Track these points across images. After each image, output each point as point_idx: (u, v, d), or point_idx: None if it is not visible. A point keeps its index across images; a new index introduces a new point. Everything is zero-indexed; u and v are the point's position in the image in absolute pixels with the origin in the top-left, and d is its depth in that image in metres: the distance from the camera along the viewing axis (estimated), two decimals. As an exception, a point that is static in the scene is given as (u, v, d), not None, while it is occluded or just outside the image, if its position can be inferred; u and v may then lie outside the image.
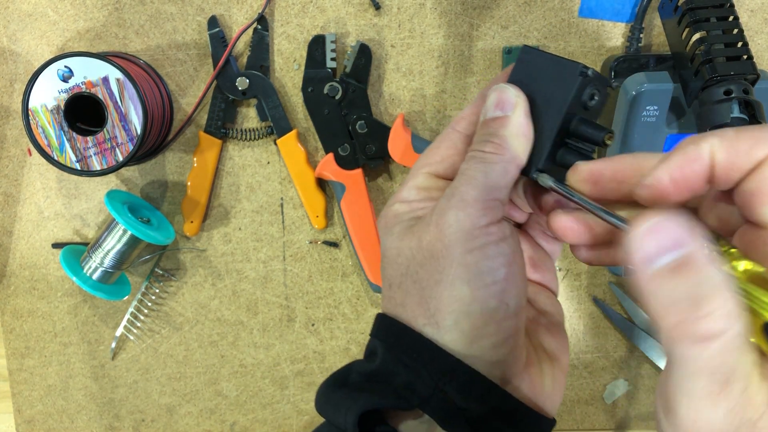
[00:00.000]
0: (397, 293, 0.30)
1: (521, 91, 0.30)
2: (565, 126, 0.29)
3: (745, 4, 0.56)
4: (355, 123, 0.58)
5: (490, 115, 0.30)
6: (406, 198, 0.31)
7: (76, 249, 0.60)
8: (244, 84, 0.58)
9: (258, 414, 0.66)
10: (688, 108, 0.51)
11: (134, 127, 0.52)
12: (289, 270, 0.63)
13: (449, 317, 0.28)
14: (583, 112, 0.30)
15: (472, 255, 0.27)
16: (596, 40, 0.57)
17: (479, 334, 0.28)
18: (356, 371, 0.31)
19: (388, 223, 0.31)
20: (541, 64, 0.30)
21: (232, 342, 0.64)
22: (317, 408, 0.31)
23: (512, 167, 0.29)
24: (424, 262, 0.28)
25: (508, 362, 0.29)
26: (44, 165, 0.60)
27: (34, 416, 0.66)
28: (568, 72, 0.29)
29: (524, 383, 0.29)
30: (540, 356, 0.31)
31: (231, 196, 0.61)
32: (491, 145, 0.29)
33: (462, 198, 0.28)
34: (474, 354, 0.28)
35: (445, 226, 0.28)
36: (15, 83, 0.59)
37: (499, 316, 0.28)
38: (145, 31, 0.58)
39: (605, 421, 0.66)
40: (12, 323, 0.64)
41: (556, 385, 0.31)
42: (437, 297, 0.28)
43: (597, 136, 0.29)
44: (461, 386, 0.28)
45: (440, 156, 0.32)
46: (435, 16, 0.57)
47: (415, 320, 0.29)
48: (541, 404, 0.30)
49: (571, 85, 0.29)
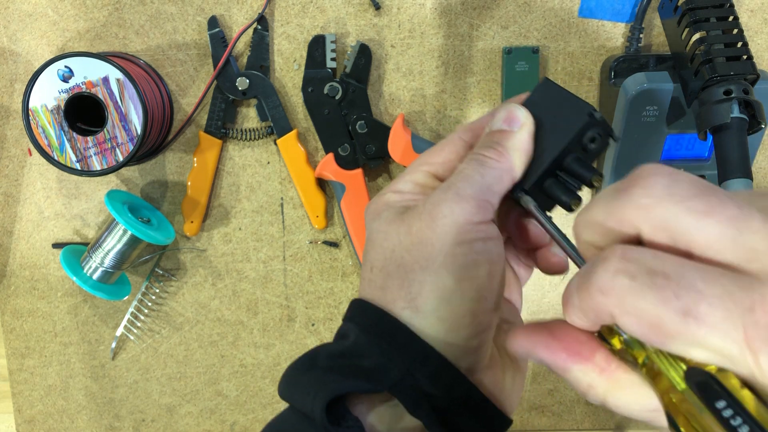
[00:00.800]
0: (378, 276, 0.31)
1: (530, 114, 0.32)
2: (560, 158, 0.31)
3: (745, 4, 0.56)
4: (355, 123, 0.58)
5: (496, 127, 0.31)
6: (400, 189, 0.32)
7: (76, 249, 0.60)
8: (244, 84, 0.58)
9: (258, 414, 0.66)
10: (688, 108, 0.51)
11: (134, 127, 0.52)
12: (289, 270, 0.63)
13: (429, 303, 0.29)
14: (580, 152, 0.31)
15: (461, 247, 0.28)
16: (596, 40, 0.57)
17: (456, 323, 0.29)
18: (324, 353, 0.31)
19: (377, 209, 0.32)
20: (555, 96, 0.32)
21: (232, 342, 0.64)
22: (280, 393, 0.31)
23: (507, 177, 0.30)
24: (411, 248, 0.29)
25: (478, 355, 0.30)
26: (44, 165, 0.60)
27: (34, 416, 0.66)
28: (578, 110, 0.30)
29: (487, 378, 0.30)
30: (502, 357, 0.32)
31: (231, 196, 0.61)
32: (493, 151, 0.30)
33: (458, 192, 0.29)
34: (448, 341, 0.29)
35: (439, 216, 0.29)
36: (15, 83, 0.59)
37: (476, 309, 0.29)
38: (145, 31, 0.58)
39: (605, 421, 0.66)
40: (12, 323, 0.64)
41: (515, 386, 0.32)
42: (420, 281, 0.29)
43: (586, 175, 0.30)
44: (431, 373, 0.28)
45: (442, 158, 0.33)
46: (435, 16, 0.57)
47: (394, 303, 0.30)
48: (501, 402, 0.31)
49: (577, 122, 0.30)
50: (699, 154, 0.55)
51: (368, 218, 0.32)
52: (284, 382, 0.32)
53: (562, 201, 0.31)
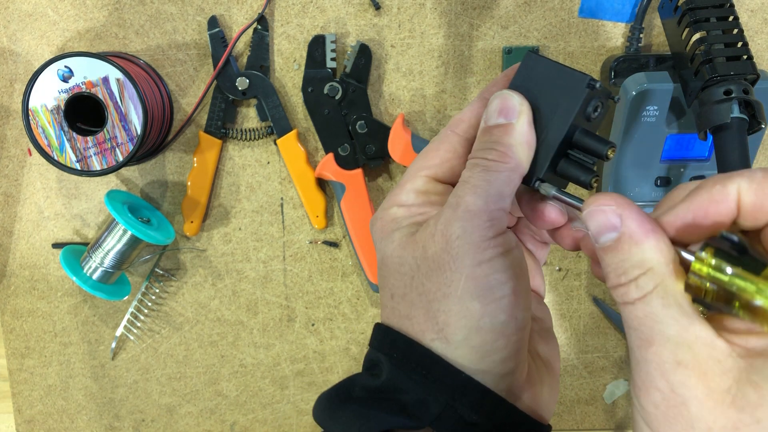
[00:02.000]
0: (401, 305, 0.29)
1: (524, 99, 0.30)
2: (568, 137, 0.29)
3: (745, 4, 0.56)
4: (355, 123, 0.58)
5: (492, 122, 0.30)
6: (404, 202, 0.31)
7: (76, 249, 0.60)
8: (244, 84, 0.58)
9: (258, 414, 0.66)
10: (688, 108, 0.51)
11: (134, 127, 0.52)
12: (289, 270, 0.63)
13: (459, 333, 0.27)
14: (585, 124, 0.30)
15: (481, 268, 0.27)
16: (596, 40, 0.57)
17: (490, 349, 0.27)
18: (360, 385, 0.30)
19: (385, 228, 0.30)
20: (546, 71, 0.30)
21: (232, 342, 0.64)
22: (318, 420, 0.30)
23: (515, 176, 0.29)
24: (431, 274, 0.28)
25: (515, 375, 0.28)
26: (44, 165, 0.60)
27: (34, 416, 0.66)
28: (575, 83, 0.29)
29: (526, 394, 0.29)
30: (538, 365, 0.31)
31: (231, 196, 0.61)
32: (495, 153, 0.29)
33: (467, 209, 0.27)
34: (483, 369, 0.27)
35: (453, 237, 0.27)
36: (15, 83, 0.59)
37: (508, 331, 0.27)
38: (145, 31, 0.58)
39: (605, 421, 0.66)
40: (12, 323, 0.64)
41: (552, 393, 0.31)
42: (446, 311, 0.27)
43: (601, 149, 0.29)
44: (472, 403, 0.27)
45: (439, 159, 0.31)
46: (435, 16, 0.57)
47: (423, 335, 0.28)
48: (540, 412, 0.30)
49: (578, 96, 0.29)
50: (699, 154, 0.55)
51: (377, 237, 0.31)
52: (321, 412, 0.30)
53: (581, 180, 0.29)
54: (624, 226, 0.24)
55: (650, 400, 0.24)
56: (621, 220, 0.24)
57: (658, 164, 0.54)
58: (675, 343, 0.23)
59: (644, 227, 0.24)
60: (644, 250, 0.24)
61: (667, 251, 0.24)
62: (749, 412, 0.21)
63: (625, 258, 0.24)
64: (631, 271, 0.24)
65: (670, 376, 0.23)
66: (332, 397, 0.30)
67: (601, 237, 0.25)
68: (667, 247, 0.24)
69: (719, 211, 0.23)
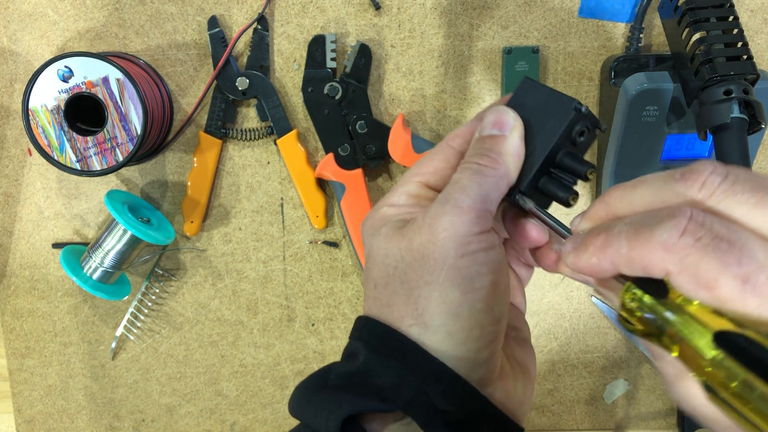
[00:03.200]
0: (382, 293, 0.30)
1: (518, 116, 0.32)
2: (552, 156, 0.31)
3: (745, 4, 0.56)
4: (355, 123, 0.58)
5: (486, 133, 0.31)
6: (395, 202, 0.32)
7: (76, 249, 0.60)
8: (244, 84, 0.58)
9: (258, 414, 0.66)
10: (688, 108, 0.51)
11: (134, 127, 0.52)
12: (289, 270, 0.63)
13: (438, 318, 0.28)
14: (570, 147, 0.31)
15: (464, 259, 0.28)
16: (596, 40, 0.57)
17: (465, 336, 0.28)
18: (335, 372, 0.31)
19: (374, 225, 0.32)
20: (538, 95, 0.32)
21: (232, 342, 0.64)
22: (292, 410, 0.31)
23: (503, 183, 0.30)
24: (414, 264, 0.29)
25: (488, 367, 0.29)
26: (44, 165, 0.60)
27: (34, 416, 0.66)
28: (563, 106, 0.31)
29: (498, 389, 0.30)
30: (513, 366, 0.32)
31: (231, 196, 0.61)
32: (487, 158, 0.30)
33: (457, 204, 0.29)
34: (458, 355, 0.28)
35: (440, 229, 0.29)
36: (15, 83, 0.59)
37: (484, 321, 0.29)
38: (145, 31, 0.58)
39: (605, 421, 0.66)
40: (12, 323, 0.64)
41: (526, 394, 0.32)
42: (426, 297, 0.29)
43: (581, 169, 0.30)
44: (444, 390, 0.28)
45: (433, 168, 0.32)
46: (435, 16, 0.57)
47: (401, 320, 0.29)
48: (513, 411, 0.31)
49: (564, 118, 0.30)
50: (699, 154, 0.55)
51: (366, 234, 0.32)
52: (296, 400, 0.31)
53: (559, 197, 0.31)
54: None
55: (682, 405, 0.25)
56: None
57: (658, 164, 0.54)
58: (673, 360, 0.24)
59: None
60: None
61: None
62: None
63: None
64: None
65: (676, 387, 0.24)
66: (308, 386, 0.31)
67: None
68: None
69: (604, 272, 0.25)
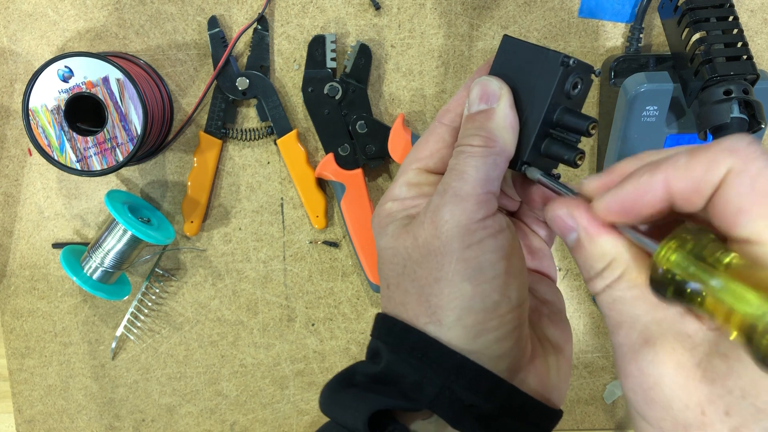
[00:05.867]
0: (395, 293, 0.30)
1: (504, 83, 0.30)
2: (549, 117, 0.29)
3: (745, 4, 0.56)
4: (355, 123, 0.58)
5: (474, 109, 0.30)
6: (397, 196, 0.31)
7: (76, 249, 0.60)
8: (244, 84, 0.58)
9: (258, 414, 0.66)
10: (688, 108, 0.51)
11: (134, 127, 0.52)
12: (289, 270, 0.63)
13: (451, 314, 0.28)
14: (566, 102, 0.29)
15: (471, 250, 0.27)
16: (596, 40, 0.57)
17: (483, 329, 0.28)
18: (361, 372, 0.30)
19: (381, 222, 0.31)
20: (522, 53, 0.30)
21: (232, 342, 0.64)
22: (322, 408, 0.31)
23: (501, 160, 0.29)
24: (422, 261, 0.28)
25: (514, 355, 0.28)
26: (44, 165, 0.60)
27: (34, 416, 0.66)
28: (550, 62, 0.29)
29: (530, 375, 0.29)
30: (545, 347, 0.31)
31: (231, 196, 0.61)
32: (479, 138, 0.29)
33: (455, 193, 0.28)
34: (478, 349, 0.28)
35: (441, 222, 0.28)
36: (15, 83, 0.59)
37: (501, 310, 0.28)
38: (145, 31, 0.58)
39: (605, 421, 0.66)
40: (12, 323, 0.64)
41: (562, 375, 0.31)
42: (437, 294, 0.28)
43: (581, 125, 0.29)
44: (469, 383, 0.27)
45: (429, 150, 0.31)
46: (435, 16, 0.57)
47: (417, 319, 0.29)
48: (548, 395, 0.30)
49: (553, 75, 0.29)
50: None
51: (375, 233, 0.31)
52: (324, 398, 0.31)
53: (565, 159, 0.29)
54: (578, 226, 0.25)
55: (629, 386, 0.24)
56: (575, 221, 0.25)
57: (658, 164, 0.54)
58: (643, 323, 0.23)
59: (595, 223, 0.25)
60: (601, 244, 0.25)
61: (622, 241, 0.25)
62: (720, 384, 0.22)
63: (588, 254, 0.25)
64: (596, 264, 0.25)
65: (639, 356, 0.23)
66: (335, 385, 0.31)
67: (566, 239, 0.26)
68: (622, 237, 0.25)
69: (648, 201, 0.23)
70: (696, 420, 0.22)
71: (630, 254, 0.24)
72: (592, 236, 0.25)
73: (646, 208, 0.24)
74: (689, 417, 0.22)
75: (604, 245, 0.25)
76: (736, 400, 0.21)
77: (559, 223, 0.26)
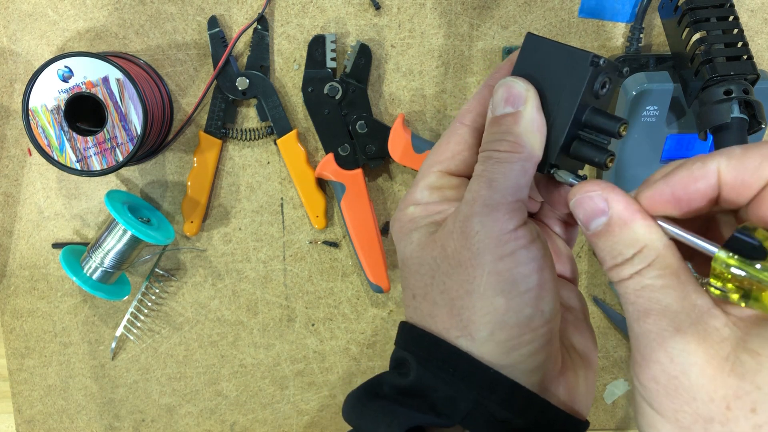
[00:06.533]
0: (423, 304, 0.29)
1: (530, 84, 0.29)
2: (577, 118, 0.28)
3: (745, 4, 0.56)
4: (355, 123, 0.58)
5: (500, 112, 0.29)
6: (419, 200, 0.30)
7: (76, 249, 0.60)
8: (244, 84, 0.58)
9: (258, 414, 0.66)
10: (688, 108, 0.51)
11: (134, 127, 0.52)
12: (289, 270, 0.63)
13: (484, 329, 0.27)
14: (594, 102, 0.29)
15: (504, 262, 0.26)
16: (596, 40, 0.57)
17: (516, 343, 0.27)
18: (388, 384, 0.29)
19: (403, 228, 0.30)
20: (548, 52, 0.29)
21: (232, 342, 0.64)
22: (346, 417, 0.30)
23: (530, 165, 0.28)
24: (451, 272, 0.27)
25: (546, 369, 0.28)
26: (44, 165, 0.60)
27: (34, 416, 0.66)
28: (578, 61, 0.28)
29: (560, 388, 0.28)
30: (573, 358, 0.30)
31: (231, 196, 0.61)
32: (505, 143, 0.28)
33: (485, 203, 0.27)
34: (511, 364, 0.27)
35: (471, 233, 0.27)
36: (15, 83, 0.59)
37: (535, 324, 0.27)
38: (145, 31, 0.58)
39: (605, 421, 0.66)
40: (12, 323, 0.64)
41: (589, 386, 0.30)
42: (469, 308, 0.27)
43: (613, 126, 0.28)
44: (502, 399, 0.27)
45: (450, 152, 0.30)
46: (435, 16, 0.57)
47: (448, 332, 0.28)
48: (576, 407, 0.29)
49: (583, 75, 0.28)
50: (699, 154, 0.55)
51: (396, 238, 0.30)
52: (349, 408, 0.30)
53: (595, 162, 0.29)
54: (611, 210, 0.25)
55: (650, 374, 0.23)
56: (608, 204, 0.25)
57: (658, 164, 0.54)
58: (674, 312, 0.23)
59: (631, 208, 0.25)
60: (635, 229, 0.24)
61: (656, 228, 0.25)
62: (750, 379, 0.21)
63: (618, 240, 0.25)
64: (625, 251, 0.24)
65: (669, 344, 0.23)
66: (360, 395, 0.30)
67: (591, 223, 0.25)
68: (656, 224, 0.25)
69: (699, 188, 0.23)
70: (720, 414, 0.22)
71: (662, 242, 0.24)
72: (626, 221, 0.24)
73: (696, 199, 0.23)
74: (713, 410, 0.22)
75: (637, 231, 0.24)
76: (764, 397, 0.21)
77: (589, 205, 0.25)
